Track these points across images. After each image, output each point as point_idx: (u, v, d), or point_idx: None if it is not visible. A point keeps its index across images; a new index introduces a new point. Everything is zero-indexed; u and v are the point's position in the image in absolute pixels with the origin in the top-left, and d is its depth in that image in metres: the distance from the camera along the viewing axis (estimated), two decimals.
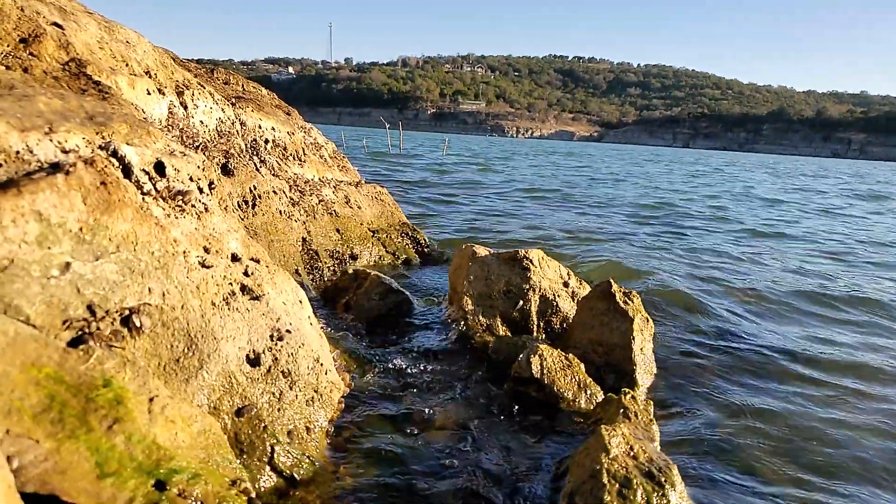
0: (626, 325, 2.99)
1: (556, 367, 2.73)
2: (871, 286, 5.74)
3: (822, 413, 2.85)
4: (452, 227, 7.83)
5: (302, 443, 2.07)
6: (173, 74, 3.77)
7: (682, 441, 2.45)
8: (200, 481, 1.53)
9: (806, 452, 2.48)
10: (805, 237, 9.04)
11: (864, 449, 2.54)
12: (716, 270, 6.18)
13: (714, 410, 2.78)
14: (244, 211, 3.95)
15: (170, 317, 1.84)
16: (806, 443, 2.56)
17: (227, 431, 1.91)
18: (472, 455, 2.27)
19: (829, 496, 2.18)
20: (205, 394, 1.87)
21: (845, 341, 4.00)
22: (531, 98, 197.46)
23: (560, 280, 3.59)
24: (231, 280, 2.10)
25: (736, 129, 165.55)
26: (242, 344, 2.02)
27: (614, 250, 6.70)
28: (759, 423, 2.69)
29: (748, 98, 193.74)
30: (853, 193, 20.28)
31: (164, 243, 1.90)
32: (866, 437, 2.65)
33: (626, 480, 1.89)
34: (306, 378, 2.14)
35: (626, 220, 9.64)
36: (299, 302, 2.33)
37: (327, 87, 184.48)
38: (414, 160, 22.26)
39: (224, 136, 4.16)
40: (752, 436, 2.56)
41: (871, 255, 7.74)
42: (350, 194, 5.42)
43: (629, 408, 2.33)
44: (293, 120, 5.59)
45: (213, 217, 2.25)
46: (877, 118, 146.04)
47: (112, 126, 2.07)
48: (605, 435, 2.01)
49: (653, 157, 48.72)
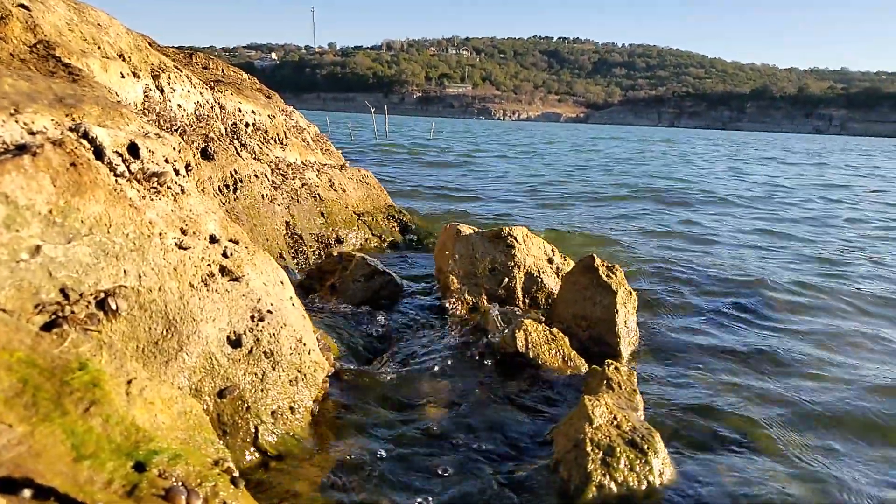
0: (610, 299, 3.00)
1: (541, 341, 2.73)
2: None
3: (803, 382, 2.88)
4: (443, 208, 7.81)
5: (286, 423, 2.06)
6: (148, 57, 3.69)
7: (666, 409, 2.47)
8: (181, 462, 1.52)
9: (788, 419, 2.50)
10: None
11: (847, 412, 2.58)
12: (695, 247, 6.22)
13: (698, 380, 2.81)
14: (225, 195, 3.90)
15: (147, 299, 1.81)
16: (788, 410, 2.59)
17: (210, 413, 1.90)
18: (458, 429, 2.27)
19: (813, 463, 2.21)
20: (185, 376, 1.86)
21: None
22: (517, 80, 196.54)
23: (545, 256, 3.59)
24: (210, 261, 2.08)
25: (720, 108, 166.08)
26: (223, 325, 2.00)
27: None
28: (742, 391, 2.72)
29: (732, 76, 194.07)
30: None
31: (138, 225, 1.87)
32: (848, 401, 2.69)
33: (610, 449, 1.91)
34: (289, 358, 2.13)
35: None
36: (280, 283, 2.31)
37: (311, 73, 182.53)
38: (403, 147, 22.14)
39: (203, 120, 4.09)
40: (735, 403, 2.59)
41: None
42: (334, 177, 5.38)
43: (613, 378, 2.34)
44: (274, 103, 5.52)
45: (190, 198, 2.21)
46: (857, 94, 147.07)
47: (83, 108, 2.03)
48: (588, 405, 2.02)
49: (640, 137, 48.91)
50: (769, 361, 3.09)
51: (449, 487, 1.93)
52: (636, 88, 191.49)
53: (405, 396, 2.49)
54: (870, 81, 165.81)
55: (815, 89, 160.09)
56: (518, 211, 8.15)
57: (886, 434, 2.44)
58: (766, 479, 2.06)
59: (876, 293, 4.55)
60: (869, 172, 19.85)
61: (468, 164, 15.11)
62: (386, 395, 2.47)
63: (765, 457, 2.21)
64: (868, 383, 2.88)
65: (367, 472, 1.98)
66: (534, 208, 8.48)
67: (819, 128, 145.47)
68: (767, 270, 5.11)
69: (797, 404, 2.64)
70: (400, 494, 1.89)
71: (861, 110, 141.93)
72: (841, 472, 2.15)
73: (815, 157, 29.52)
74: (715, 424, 2.39)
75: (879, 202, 11.17)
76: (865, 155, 33.52)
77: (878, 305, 4.24)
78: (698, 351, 3.15)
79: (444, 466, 2.03)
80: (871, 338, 3.53)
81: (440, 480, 1.96)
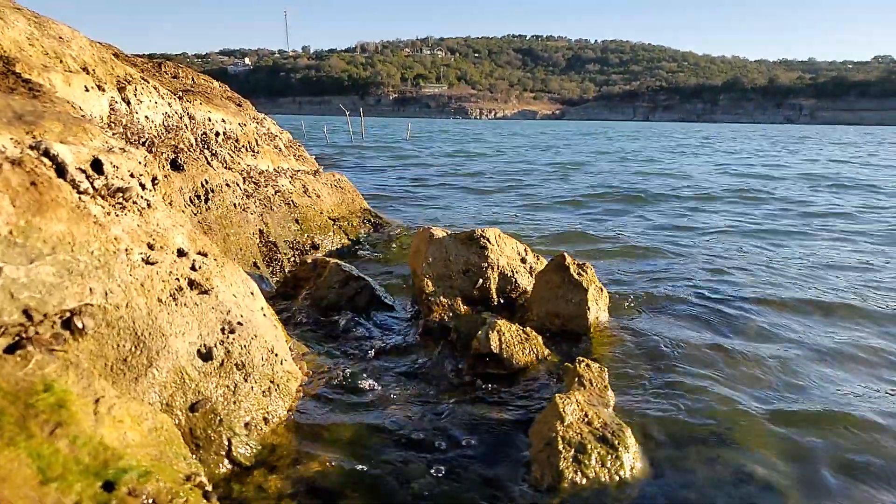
0: (581, 296, 3.05)
1: (515, 340, 2.76)
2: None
3: (770, 377, 2.95)
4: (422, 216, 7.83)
5: (260, 434, 2.06)
6: (114, 70, 3.66)
7: (639, 404, 2.51)
8: (152, 479, 1.52)
9: (761, 415, 2.55)
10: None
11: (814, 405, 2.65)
12: (672, 240, 6.31)
13: (670, 374, 2.85)
14: (197, 206, 3.88)
15: (114, 316, 1.81)
16: (760, 405, 2.64)
17: (182, 427, 1.90)
18: (433, 432, 2.29)
19: (785, 460, 2.25)
20: (156, 391, 1.85)
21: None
22: (492, 79, 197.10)
23: (518, 256, 3.62)
24: (178, 275, 2.08)
25: (693, 101, 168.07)
26: (193, 339, 2.00)
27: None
28: (713, 386, 2.77)
29: (704, 69, 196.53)
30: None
31: (104, 242, 1.86)
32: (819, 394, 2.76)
33: (581, 446, 1.94)
34: (261, 369, 2.14)
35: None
36: (251, 294, 2.31)
37: (286, 77, 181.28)
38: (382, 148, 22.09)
39: (172, 131, 4.06)
40: (707, 399, 2.64)
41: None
42: (308, 183, 5.37)
43: (584, 375, 2.38)
44: (245, 111, 5.49)
45: (157, 213, 2.20)
46: (824, 84, 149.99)
47: (43, 125, 2.01)
48: (559, 403, 2.06)
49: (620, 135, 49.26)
50: (741, 357, 3.15)
51: (424, 490, 1.95)
52: (610, 84, 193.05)
53: (380, 401, 2.50)
54: (836, 71, 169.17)
55: (785, 80, 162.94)
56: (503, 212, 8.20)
57: (857, 429, 2.49)
58: (738, 474, 2.10)
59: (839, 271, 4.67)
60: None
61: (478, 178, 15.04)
62: (361, 401, 2.49)
63: (736, 452, 2.26)
64: (844, 385, 2.95)
65: (343, 480, 1.99)
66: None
67: (790, 117, 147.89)
68: (740, 268, 5.20)
69: (769, 401, 2.69)
70: (377, 500, 1.90)
71: (829, 99, 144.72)
72: (813, 468, 2.19)
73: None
74: (687, 419, 2.43)
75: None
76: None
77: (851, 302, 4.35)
78: (670, 346, 3.21)
79: (420, 469, 2.05)
80: (854, 345, 3.61)
81: (416, 483, 1.98)
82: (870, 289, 4.49)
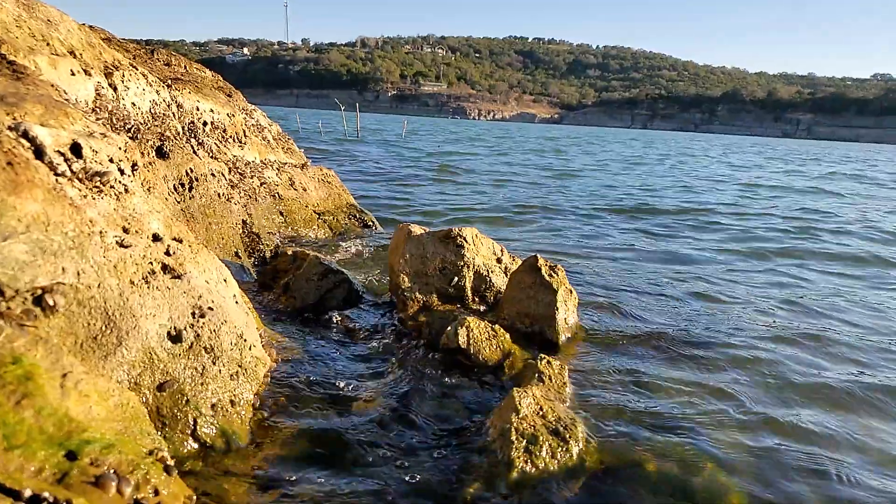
0: (551, 297, 3.13)
1: (483, 337, 2.84)
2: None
3: (733, 374, 3.04)
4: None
5: (227, 415, 2.13)
6: (101, 55, 3.71)
7: (597, 400, 2.60)
8: (114, 451, 1.59)
9: (719, 411, 2.64)
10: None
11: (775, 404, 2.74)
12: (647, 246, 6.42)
13: (632, 373, 2.94)
14: (181, 194, 3.93)
15: (85, 296, 1.87)
16: (719, 401, 2.73)
17: (149, 405, 1.96)
18: (398, 422, 2.36)
19: (739, 451, 2.34)
20: (124, 370, 1.92)
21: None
22: (492, 80, 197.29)
23: (493, 256, 3.70)
24: (152, 259, 2.14)
25: (692, 110, 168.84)
26: (163, 321, 2.06)
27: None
28: (674, 384, 2.86)
29: (703, 79, 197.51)
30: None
31: (78, 224, 1.92)
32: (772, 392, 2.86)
33: (533, 437, 2.02)
34: (230, 353, 2.20)
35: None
36: (223, 281, 2.37)
37: (284, 69, 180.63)
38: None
39: (159, 119, 4.12)
40: (666, 396, 2.73)
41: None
42: (295, 176, 5.43)
43: (544, 372, 2.46)
44: (234, 101, 5.54)
45: (134, 198, 2.27)
46: (822, 99, 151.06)
47: (24, 107, 2.07)
48: (516, 397, 2.13)
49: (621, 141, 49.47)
50: (703, 356, 3.24)
51: (384, 477, 2.02)
52: (610, 90, 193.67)
53: (350, 391, 2.57)
54: (835, 87, 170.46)
55: (784, 94, 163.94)
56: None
57: (815, 432, 2.59)
58: (687, 468, 2.18)
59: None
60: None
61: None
62: (330, 390, 2.55)
63: (690, 444, 2.34)
64: (799, 375, 3.05)
65: (306, 463, 2.06)
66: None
67: (787, 131, 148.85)
68: (710, 275, 5.31)
69: (731, 396, 2.78)
70: (336, 484, 1.97)
71: (827, 115, 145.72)
72: (767, 458, 2.28)
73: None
74: (642, 415, 2.52)
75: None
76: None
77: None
78: (633, 346, 3.30)
79: (382, 456, 2.12)
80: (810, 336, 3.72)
81: (376, 468, 2.05)
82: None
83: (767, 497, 2.06)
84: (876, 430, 2.62)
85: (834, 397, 2.89)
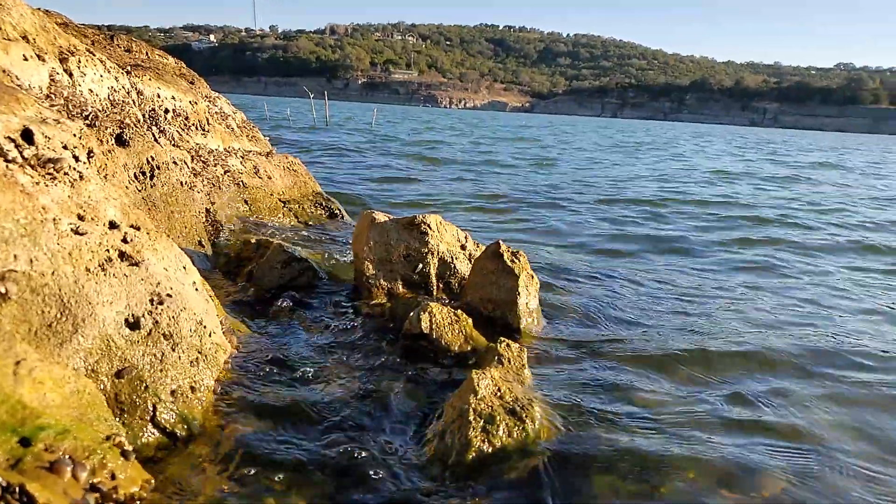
0: (513, 282, 3.19)
1: (445, 322, 2.89)
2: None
3: (683, 359, 3.15)
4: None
5: (187, 401, 2.14)
6: (56, 39, 3.63)
7: (554, 382, 2.67)
8: (69, 437, 1.59)
9: (673, 396, 2.74)
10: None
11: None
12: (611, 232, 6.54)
13: (590, 356, 3.02)
14: (141, 182, 3.88)
15: (39, 283, 1.86)
16: (673, 387, 2.83)
17: (107, 392, 1.96)
18: (358, 407, 2.40)
19: (691, 436, 2.42)
20: (81, 357, 1.91)
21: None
22: (463, 68, 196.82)
23: (458, 243, 3.74)
24: (108, 247, 2.13)
25: (661, 99, 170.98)
26: (121, 308, 2.06)
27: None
28: (631, 367, 2.95)
29: (672, 68, 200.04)
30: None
31: (30, 211, 1.90)
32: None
33: (491, 417, 2.08)
34: (189, 340, 2.21)
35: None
36: (183, 268, 2.37)
37: (252, 56, 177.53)
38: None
39: (118, 106, 4.04)
40: (622, 378, 2.81)
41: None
42: (259, 164, 5.39)
43: (504, 355, 2.51)
44: (197, 89, 5.46)
45: (90, 185, 2.24)
46: (788, 88, 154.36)
47: None
48: (474, 378, 2.19)
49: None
50: (665, 340, 3.35)
51: (343, 456, 2.05)
52: (580, 79, 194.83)
53: (310, 377, 2.60)
54: (800, 76, 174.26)
55: (751, 82, 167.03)
56: None
57: (753, 403, 2.70)
58: (638, 449, 2.26)
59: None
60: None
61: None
62: (290, 375, 2.57)
63: (645, 421, 2.43)
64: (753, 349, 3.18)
65: (264, 450, 2.08)
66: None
67: (754, 120, 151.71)
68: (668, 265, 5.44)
69: (681, 383, 2.88)
70: (296, 467, 1.99)
71: (793, 104, 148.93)
72: (718, 441, 2.37)
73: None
74: (597, 396, 2.60)
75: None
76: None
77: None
78: (595, 328, 3.39)
79: (340, 439, 2.16)
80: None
81: (335, 450, 2.09)
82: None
83: (719, 465, 2.16)
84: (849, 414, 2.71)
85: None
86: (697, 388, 2.81)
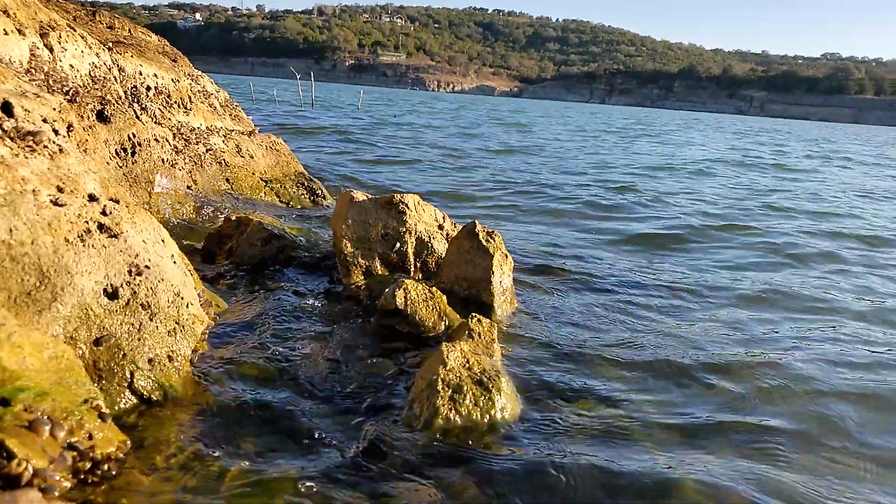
0: (487, 262, 3.27)
1: (419, 298, 2.97)
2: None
3: (648, 333, 3.26)
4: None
5: (164, 370, 2.20)
6: (37, 14, 3.62)
7: (522, 357, 2.77)
8: (48, 399, 1.66)
9: (639, 375, 2.84)
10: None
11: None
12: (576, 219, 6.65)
13: (560, 335, 3.13)
14: (122, 158, 3.91)
15: (18, 252, 1.91)
16: (639, 367, 2.94)
17: (86, 359, 2.02)
18: (334, 380, 2.48)
19: (660, 414, 2.52)
20: (60, 324, 1.97)
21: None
22: (452, 51, 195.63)
23: (435, 223, 3.82)
24: (87, 218, 2.17)
25: (650, 86, 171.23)
26: (99, 278, 2.11)
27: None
28: (601, 345, 3.06)
29: (661, 55, 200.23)
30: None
31: (10, 181, 1.94)
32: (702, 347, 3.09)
33: (458, 387, 2.17)
34: (167, 310, 2.27)
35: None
36: (161, 241, 2.42)
37: (238, 36, 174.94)
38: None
39: (99, 82, 4.05)
40: (590, 355, 2.92)
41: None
42: (242, 143, 5.41)
43: (474, 329, 2.60)
44: (180, 67, 5.45)
45: (69, 158, 2.28)
46: (775, 77, 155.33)
47: None
48: (444, 350, 2.27)
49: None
50: (629, 320, 3.46)
51: (316, 425, 2.14)
52: (569, 64, 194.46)
53: (286, 349, 2.67)
54: (787, 65, 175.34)
55: (739, 71, 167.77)
56: None
57: (732, 375, 2.80)
58: (602, 420, 2.36)
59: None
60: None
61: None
62: (267, 352, 2.64)
63: (609, 394, 2.53)
64: (725, 340, 3.29)
65: (238, 420, 2.15)
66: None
67: (741, 108, 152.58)
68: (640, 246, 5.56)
69: (644, 355, 2.99)
70: (267, 441, 2.06)
71: (780, 92, 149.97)
72: (685, 420, 2.48)
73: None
74: (564, 370, 2.71)
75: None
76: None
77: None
78: (566, 308, 3.49)
79: (314, 412, 2.23)
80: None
81: (308, 419, 2.17)
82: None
83: (675, 431, 2.27)
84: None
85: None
86: (665, 356, 2.92)
